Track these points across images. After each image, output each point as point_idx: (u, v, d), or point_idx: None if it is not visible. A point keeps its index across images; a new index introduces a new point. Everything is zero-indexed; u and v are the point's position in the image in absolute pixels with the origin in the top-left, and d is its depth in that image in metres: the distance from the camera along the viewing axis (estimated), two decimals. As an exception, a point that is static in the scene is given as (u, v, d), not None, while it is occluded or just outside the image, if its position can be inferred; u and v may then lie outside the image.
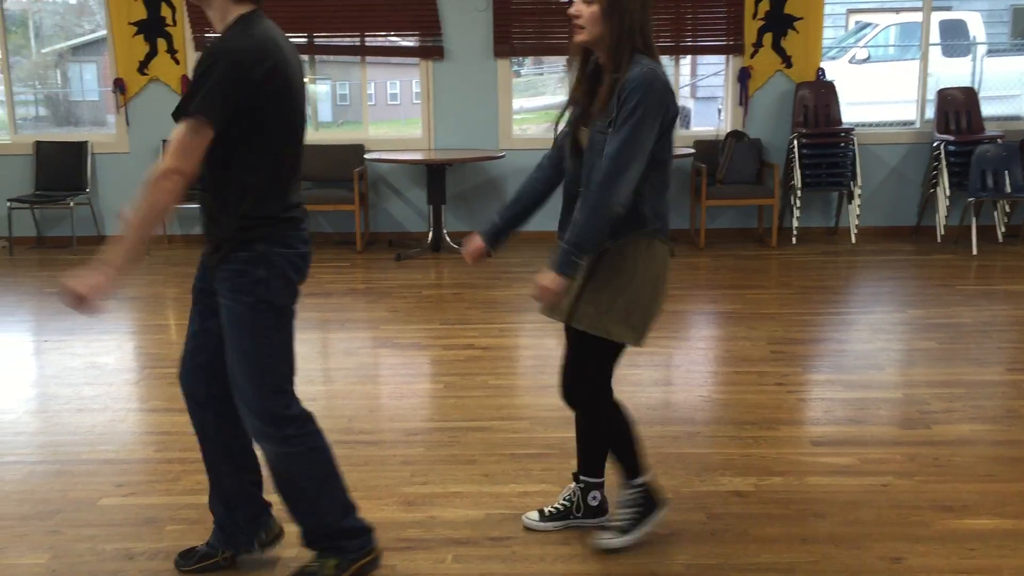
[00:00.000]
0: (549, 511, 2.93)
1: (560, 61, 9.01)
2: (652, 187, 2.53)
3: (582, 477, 2.91)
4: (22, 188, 7.72)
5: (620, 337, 2.58)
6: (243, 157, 2.32)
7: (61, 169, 7.72)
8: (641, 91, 2.40)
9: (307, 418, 2.50)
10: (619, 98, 2.43)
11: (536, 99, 12.86)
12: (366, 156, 7.51)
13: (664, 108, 2.45)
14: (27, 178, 7.77)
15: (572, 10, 2.51)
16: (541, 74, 13.11)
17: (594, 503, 2.91)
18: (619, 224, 2.50)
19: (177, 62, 7.62)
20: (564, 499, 2.94)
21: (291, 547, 2.78)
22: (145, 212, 2.22)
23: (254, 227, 2.36)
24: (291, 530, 2.75)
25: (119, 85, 7.66)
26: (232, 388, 2.46)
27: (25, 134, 8.08)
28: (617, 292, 2.55)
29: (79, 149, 7.75)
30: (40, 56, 10.79)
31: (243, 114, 2.26)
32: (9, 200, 7.46)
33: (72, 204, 7.53)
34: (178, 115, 2.23)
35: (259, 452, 2.57)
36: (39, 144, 7.77)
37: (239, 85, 2.22)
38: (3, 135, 8.18)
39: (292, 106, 2.36)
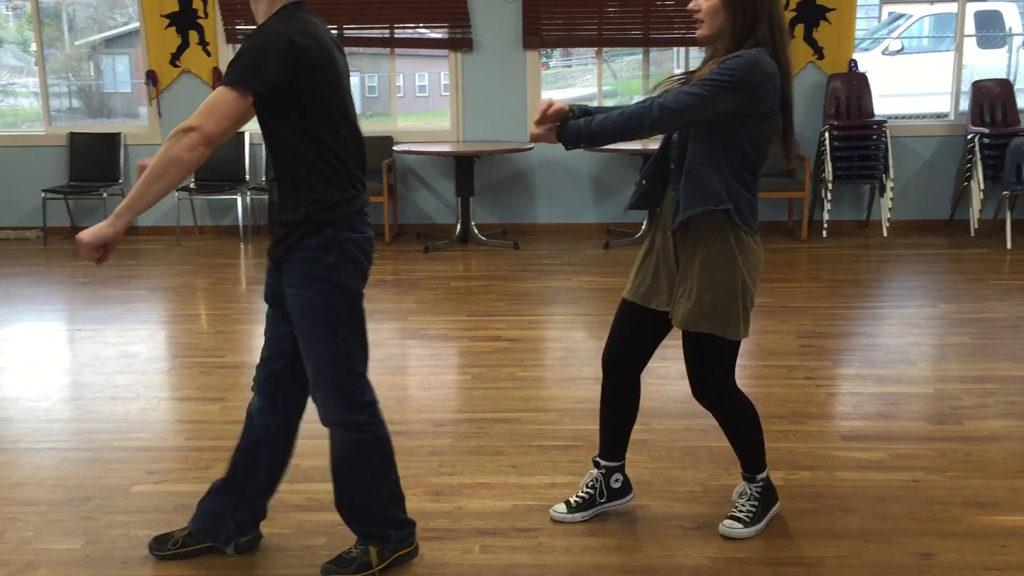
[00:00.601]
0: (575, 501, 2.93)
1: (589, 53, 8.99)
2: (735, 173, 2.52)
3: (603, 462, 2.92)
4: (56, 179, 7.82)
5: (725, 333, 2.59)
6: (302, 140, 2.35)
7: (94, 160, 7.81)
8: (735, 66, 2.39)
9: (376, 405, 2.54)
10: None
11: (565, 91, 12.82)
12: (395, 148, 7.53)
13: (755, 93, 2.43)
14: (61, 169, 7.87)
15: (691, 5, 2.51)
16: (570, 66, 13.08)
17: (616, 485, 2.93)
18: (693, 196, 2.52)
19: (209, 54, 7.68)
20: (587, 487, 2.94)
21: (320, 535, 2.81)
22: (162, 165, 2.21)
23: (324, 212, 2.38)
24: (318, 519, 2.77)
25: (151, 77, 7.73)
26: (309, 383, 2.48)
27: (59, 126, 8.18)
28: (716, 289, 2.56)
29: (112, 140, 7.84)
30: (74, 48, 10.90)
31: (294, 92, 2.29)
32: (44, 191, 7.56)
33: (105, 195, 7.61)
34: (224, 80, 2.25)
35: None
36: (73, 135, 7.86)
37: (285, 58, 2.24)
38: (38, 126, 8.29)
39: (340, 86, 2.39)
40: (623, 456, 2.93)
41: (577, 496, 2.95)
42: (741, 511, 2.84)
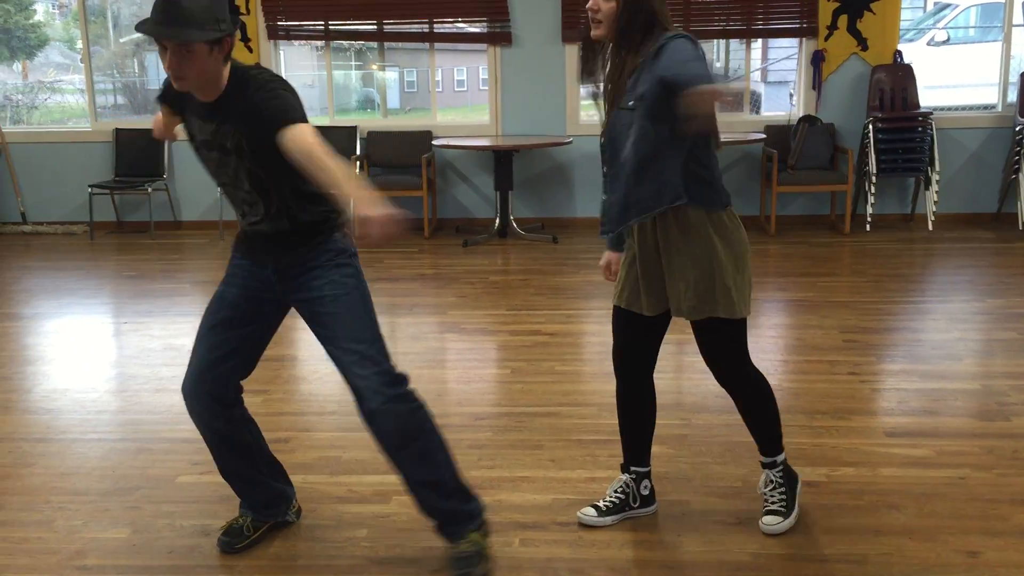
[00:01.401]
0: (605, 506, 2.89)
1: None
2: (694, 159, 2.53)
3: (633, 468, 2.90)
4: (102, 174, 7.95)
5: (732, 313, 2.59)
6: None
7: (139, 156, 7.92)
8: (684, 46, 2.40)
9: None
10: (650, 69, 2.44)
11: (604, 84, 12.75)
12: (434, 142, 7.55)
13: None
14: (107, 164, 7.99)
15: (591, 4, 2.54)
16: (609, 59, 13.01)
17: (646, 492, 2.91)
18: (645, 197, 2.55)
19: (251, 50, 7.74)
20: (617, 492, 2.91)
21: (361, 527, 2.83)
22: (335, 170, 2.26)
23: (335, 214, 2.55)
24: (359, 510, 2.79)
25: (194, 73, 7.80)
26: (349, 367, 2.49)
27: (105, 121, 8.30)
28: (704, 274, 2.56)
29: (156, 136, 7.93)
30: (118, 46, 11.04)
31: None
32: (90, 186, 7.69)
33: (150, 190, 7.72)
34: (289, 121, 2.29)
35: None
36: (118, 131, 7.98)
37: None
38: (84, 123, 8.42)
39: None
40: (649, 461, 2.92)
41: (606, 500, 2.91)
42: (775, 503, 2.82)
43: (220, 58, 2.34)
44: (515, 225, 7.41)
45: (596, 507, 2.90)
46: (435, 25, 7.82)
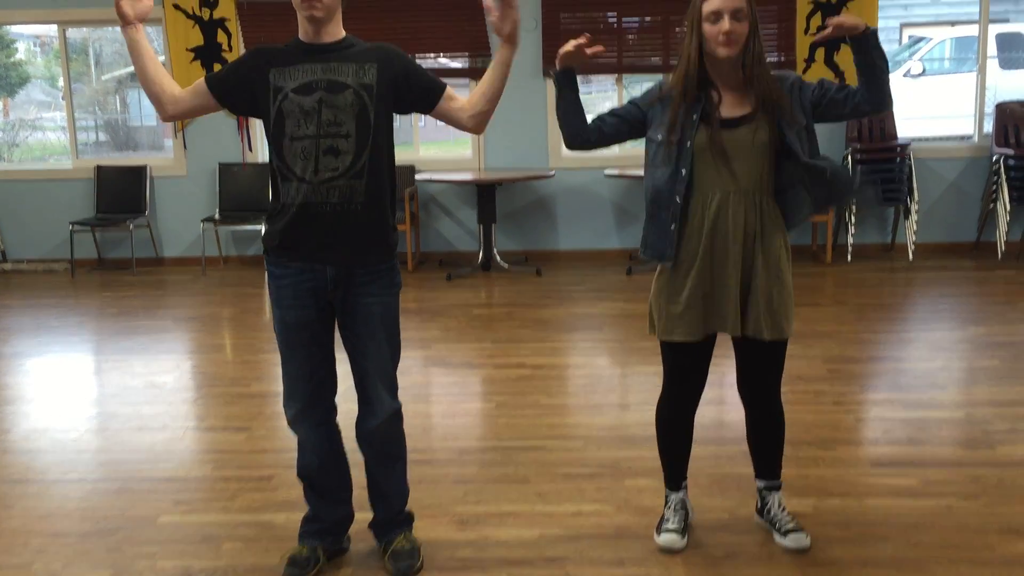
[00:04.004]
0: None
1: (609, 79, 9.02)
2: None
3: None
4: (84, 211, 7.91)
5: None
6: (391, 153, 2.72)
7: (121, 193, 7.90)
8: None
9: None
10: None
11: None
12: (417, 176, 7.56)
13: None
14: (88, 202, 7.96)
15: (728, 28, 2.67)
16: (590, 93, 13.11)
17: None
18: None
19: (232, 87, 7.75)
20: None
21: (347, 565, 2.80)
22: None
23: (396, 242, 2.74)
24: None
25: (176, 110, 7.81)
26: (369, 381, 2.69)
27: (86, 159, 8.29)
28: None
29: (138, 173, 7.92)
30: (100, 83, 11.07)
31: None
32: (71, 223, 7.65)
33: (132, 227, 7.68)
34: (440, 89, 2.69)
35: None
36: (100, 168, 7.96)
37: None
38: (65, 160, 8.41)
39: None
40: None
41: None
42: (791, 522, 2.90)
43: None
44: (499, 258, 7.42)
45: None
46: (417, 60, 7.86)
